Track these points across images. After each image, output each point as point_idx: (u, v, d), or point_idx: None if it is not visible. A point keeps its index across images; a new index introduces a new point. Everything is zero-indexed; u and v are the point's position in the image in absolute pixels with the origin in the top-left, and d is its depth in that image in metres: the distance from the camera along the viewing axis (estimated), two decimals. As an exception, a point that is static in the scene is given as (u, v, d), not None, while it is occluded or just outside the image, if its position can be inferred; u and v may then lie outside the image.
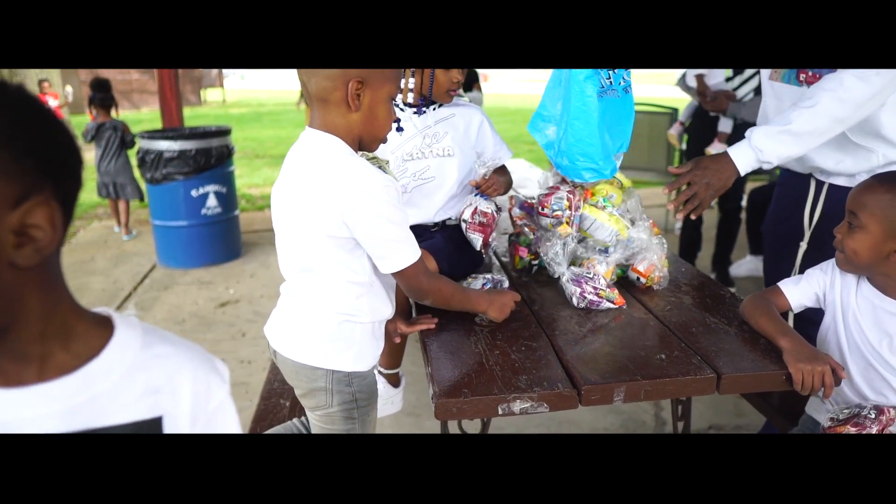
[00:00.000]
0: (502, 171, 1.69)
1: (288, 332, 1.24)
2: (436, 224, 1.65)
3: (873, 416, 1.22)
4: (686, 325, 1.36)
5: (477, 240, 1.55)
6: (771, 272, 1.86)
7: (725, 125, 3.24)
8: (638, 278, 1.57)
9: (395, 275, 1.17)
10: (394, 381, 1.78)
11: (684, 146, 3.77)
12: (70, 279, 0.58)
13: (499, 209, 1.58)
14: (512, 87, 28.62)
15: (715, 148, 3.25)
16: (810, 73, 1.51)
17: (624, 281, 1.61)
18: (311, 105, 1.15)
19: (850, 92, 1.37)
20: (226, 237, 4.29)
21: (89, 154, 9.24)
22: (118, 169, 4.95)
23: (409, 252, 1.15)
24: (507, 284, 1.50)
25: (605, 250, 1.57)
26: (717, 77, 3.25)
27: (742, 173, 1.49)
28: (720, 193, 1.51)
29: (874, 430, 1.20)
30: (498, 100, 20.24)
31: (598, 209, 1.56)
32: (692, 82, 3.36)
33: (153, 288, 3.88)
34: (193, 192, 4.08)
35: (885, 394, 1.28)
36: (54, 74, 9.47)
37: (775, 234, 1.84)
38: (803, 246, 1.68)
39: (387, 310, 1.25)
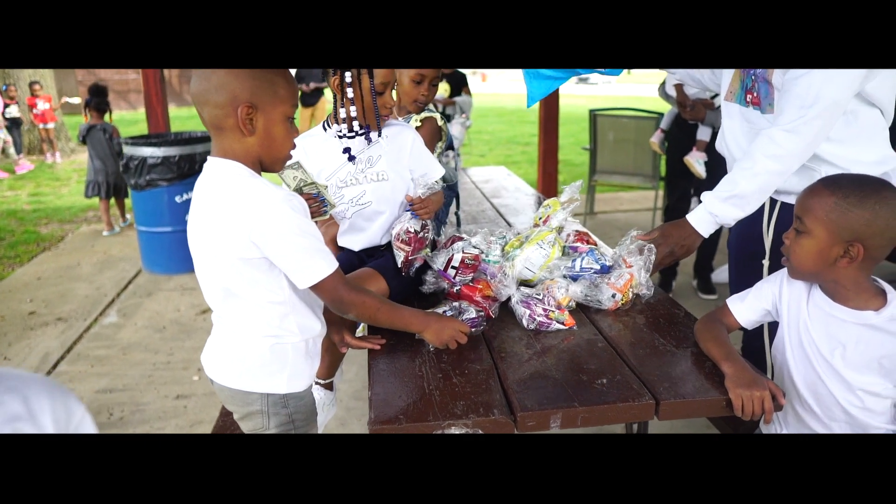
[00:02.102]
0: (437, 191, 1.67)
1: (220, 358, 1.24)
2: (383, 245, 1.64)
3: None
4: (634, 347, 1.36)
5: (399, 256, 1.54)
6: (734, 288, 1.86)
7: (704, 133, 3.23)
8: (614, 294, 1.54)
9: (313, 289, 1.15)
10: (329, 387, 1.79)
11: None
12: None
13: (425, 229, 1.55)
14: (509, 87, 28.58)
15: (694, 157, 3.24)
16: (755, 94, 1.52)
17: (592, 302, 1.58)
18: (211, 134, 1.15)
19: (783, 147, 1.39)
20: (210, 243, 4.29)
21: (83, 155, 9.27)
22: (109, 169, 5.14)
23: (323, 264, 1.14)
24: (472, 315, 1.42)
25: (572, 267, 1.58)
26: (695, 87, 3.24)
27: (706, 236, 1.56)
28: (686, 256, 1.59)
29: None
30: (494, 100, 20.20)
31: (515, 258, 1.59)
32: (672, 91, 3.35)
33: (136, 294, 3.88)
34: (177, 198, 4.08)
35: (833, 411, 1.27)
36: (48, 76, 9.46)
37: (736, 249, 1.84)
38: (766, 263, 1.68)
39: (316, 326, 1.24)
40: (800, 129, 1.37)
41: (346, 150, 1.53)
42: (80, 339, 3.27)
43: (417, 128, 1.94)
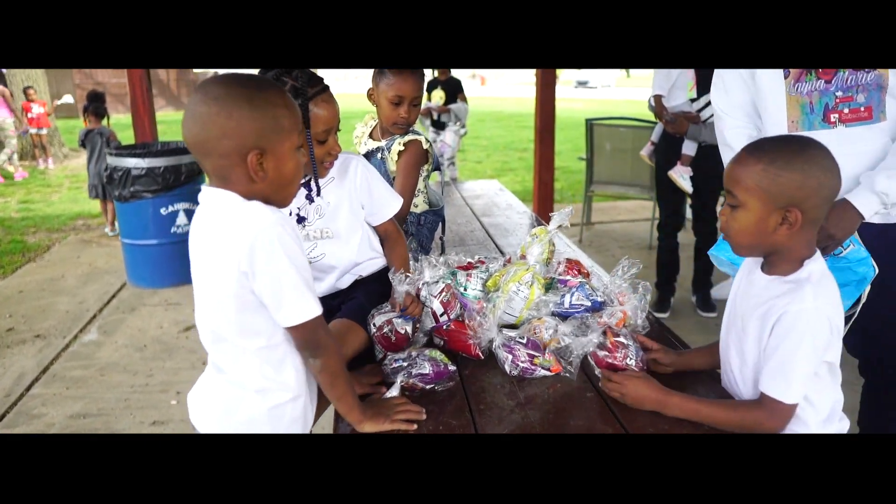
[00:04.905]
0: (398, 240, 1.58)
1: (207, 406, 1.13)
2: (348, 287, 1.54)
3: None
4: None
5: (379, 352, 1.40)
6: None
7: (689, 147, 3.11)
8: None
9: (292, 328, 1.03)
10: None
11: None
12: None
13: (416, 330, 1.43)
14: (508, 91, 28.53)
15: (677, 171, 3.13)
16: (846, 111, 1.40)
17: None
18: (212, 181, 1.03)
19: None
20: (196, 256, 4.20)
21: (76, 161, 9.16)
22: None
23: (312, 303, 1.02)
24: (425, 370, 1.27)
25: (561, 303, 1.48)
26: (679, 98, 3.12)
27: (867, 218, 1.41)
28: (844, 240, 1.42)
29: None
30: (493, 103, 20.12)
31: (496, 301, 1.48)
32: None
33: (119, 309, 3.77)
34: (163, 210, 3.97)
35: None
36: (41, 81, 9.34)
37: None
38: None
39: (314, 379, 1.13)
40: None
41: (297, 216, 1.40)
42: (58, 357, 3.16)
43: (401, 152, 1.84)
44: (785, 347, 1.07)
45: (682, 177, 3.14)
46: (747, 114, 1.63)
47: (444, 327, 1.42)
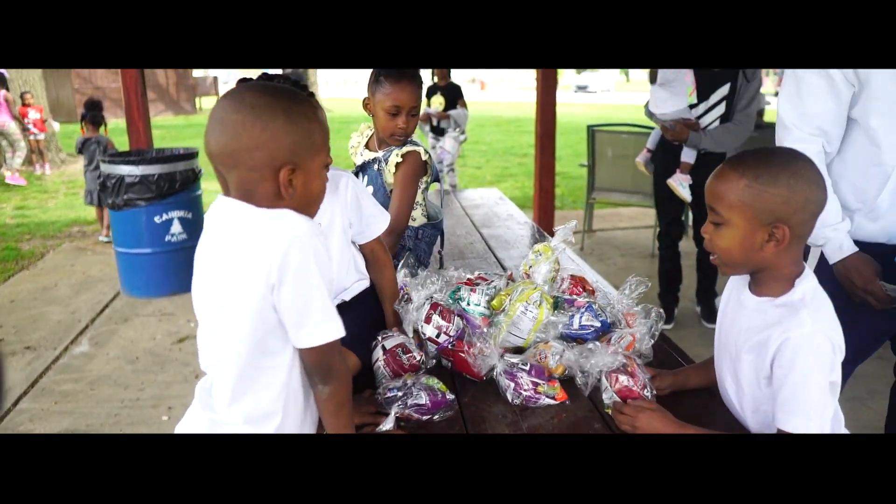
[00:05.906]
0: (386, 262, 1.51)
1: None
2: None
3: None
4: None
5: (382, 377, 1.33)
6: None
7: (688, 155, 3.03)
8: None
9: (308, 350, 0.96)
10: None
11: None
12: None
13: (426, 360, 1.37)
14: (508, 96, 28.52)
15: (676, 180, 3.06)
16: None
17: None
18: (234, 193, 0.96)
19: None
20: (191, 265, 4.08)
21: (73, 166, 9.09)
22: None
23: (338, 324, 0.96)
24: (421, 400, 1.20)
25: (570, 325, 1.42)
26: (679, 104, 3.04)
27: None
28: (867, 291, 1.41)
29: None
30: (493, 108, 20.08)
31: (499, 325, 1.41)
32: (655, 108, 3.16)
33: (112, 320, 3.70)
34: (157, 219, 3.90)
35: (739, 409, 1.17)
36: (38, 86, 9.27)
37: None
38: None
39: (310, 400, 1.04)
40: None
41: None
42: (48, 370, 3.09)
43: (399, 163, 1.77)
44: (793, 378, 1.01)
45: (681, 185, 3.07)
46: (819, 127, 1.44)
47: (449, 346, 1.35)
